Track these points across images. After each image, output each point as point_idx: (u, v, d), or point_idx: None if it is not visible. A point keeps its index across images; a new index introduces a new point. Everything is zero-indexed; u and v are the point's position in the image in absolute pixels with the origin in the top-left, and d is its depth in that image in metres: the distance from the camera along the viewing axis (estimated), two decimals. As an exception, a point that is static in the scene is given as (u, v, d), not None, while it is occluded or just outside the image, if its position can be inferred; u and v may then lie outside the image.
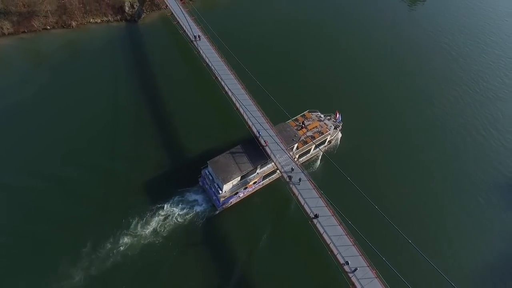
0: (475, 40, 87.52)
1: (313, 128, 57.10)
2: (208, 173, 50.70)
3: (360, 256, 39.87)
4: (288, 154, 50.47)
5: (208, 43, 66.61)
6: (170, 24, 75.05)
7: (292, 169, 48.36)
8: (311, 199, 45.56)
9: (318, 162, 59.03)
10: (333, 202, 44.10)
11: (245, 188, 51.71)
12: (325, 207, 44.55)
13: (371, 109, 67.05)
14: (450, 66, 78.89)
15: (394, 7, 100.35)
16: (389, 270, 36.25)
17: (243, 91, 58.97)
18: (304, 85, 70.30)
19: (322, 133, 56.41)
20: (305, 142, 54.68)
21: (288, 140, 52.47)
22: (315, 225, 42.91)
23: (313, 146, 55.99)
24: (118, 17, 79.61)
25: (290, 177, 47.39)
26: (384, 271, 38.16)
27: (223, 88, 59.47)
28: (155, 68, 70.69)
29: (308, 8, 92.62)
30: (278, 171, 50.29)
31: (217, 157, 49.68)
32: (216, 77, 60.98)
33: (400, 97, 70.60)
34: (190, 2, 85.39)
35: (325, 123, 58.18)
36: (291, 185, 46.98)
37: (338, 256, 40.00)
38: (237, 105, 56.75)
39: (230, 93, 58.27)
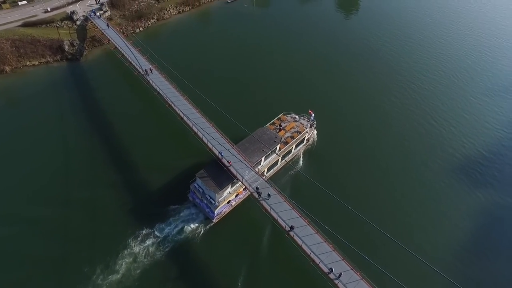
0: (408, 41, 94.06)
1: (291, 128, 58.57)
2: (197, 186, 49.77)
3: (342, 261, 39.03)
4: (254, 171, 49.51)
5: (156, 72, 65.29)
6: (115, 58, 72.90)
7: (257, 188, 47.26)
8: (284, 212, 44.44)
9: (301, 160, 60.31)
10: (306, 210, 43.40)
11: (236, 196, 51.30)
12: (300, 218, 43.58)
13: (330, 110, 68.86)
14: (391, 66, 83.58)
15: (332, 18, 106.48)
16: (373, 268, 35.70)
17: (199, 115, 57.71)
18: (269, 94, 71.78)
19: (300, 132, 57.88)
20: (286, 143, 55.71)
21: (270, 142, 53.10)
22: (292, 238, 41.69)
23: (294, 146, 57.12)
24: (58, 57, 76.12)
25: (259, 194, 46.16)
26: (368, 271, 37.59)
27: (178, 114, 57.96)
28: (104, 105, 67.66)
29: (253, 30, 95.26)
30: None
31: (204, 169, 49.31)
32: (170, 105, 59.43)
33: (351, 98, 73.06)
34: (133, 34, 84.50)
35: (301, 123, 59.94)
36: (261, 201, 45.71)
37: (321, 265, 38.87)
38: (195, 129, 55.31)
39: (186, 119, 56.82)
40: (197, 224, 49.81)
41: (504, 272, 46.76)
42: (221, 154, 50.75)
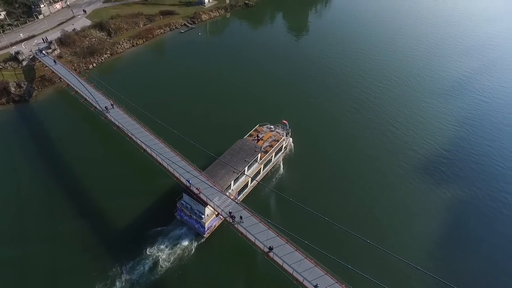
0: (359, 55, 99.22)
1: (268, 138, 59.81)
2: (185, 203, 49.22)
3: (326, 275, 38.00)
4: (225, 194, 48.11)
5: (115, 106, 62.95)
6: (68, 96, 69.75)
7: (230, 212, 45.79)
8: (260, 234, 43.00)
9: (281, 168, 61.69)
10: (283, 226, 42.38)
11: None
12: (277, 237, 42.38)
13: (299, 123, 68.88)
14: (346, 80, 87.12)
15: (284, 40, 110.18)
16: (357, 276, 34.91)
17: (162, 145, 55.95)
18: (238, 112, 72.69)
19: (278, 141, 59.29)
20: (266, 152, 56.93)
21: (251, 152, 53.75)
22: (272, 259, 40.22)
23: (274, 154, 58.44)
24: (4, 100, 71.47)
25: (233, 217, 44.57)
26: (352, 280, 36.98)
27: (141, 147, 55.79)
28: (61, 145, 63.70)
29: (209, 57, 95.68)
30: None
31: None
32: (131, 138, 57.20)
33: (315, 113, 74.60)
34: (87, 71, 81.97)
35: (277, 132, 61.46)
36: (236, 225, 44.09)
37: (305, 283, 37.53)
38: (159, 160, 53.27)
39: (149, 150, 54.75)
40: (188, 242, 48.88)
41: (477, 261, 48.39)
42: (189, 182, 48.89)
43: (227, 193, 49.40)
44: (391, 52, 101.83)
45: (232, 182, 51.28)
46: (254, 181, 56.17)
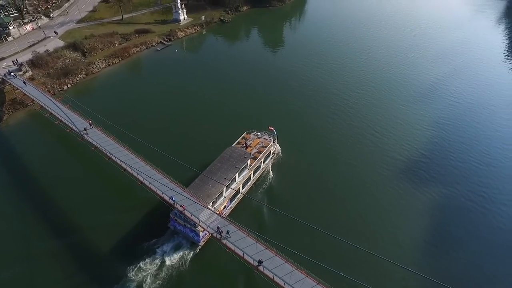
0: (335, 64, 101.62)
1: (256, 144, 60.45)
2: (177, 213, 48.01)
3: (318, 285, 37.23)
4: (211, 210, 47.00)
5: (88, 124, 61.11)
6: (42, 118, 66.95)
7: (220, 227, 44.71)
8: (248, 248, 41.98)
9: (271, 174, 62.13)
10: (271, 238, 41.36)
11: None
12: (266, 249, 41.45)
13: (284, 133, 68.37)
14: (327, 89, 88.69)
15: (261, 54, 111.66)
16: (350, 283, 34.35)
17: (143, 163, 54.55)
18: (220, 124, 72.28)
19: (266, 147, 60.05)
20: (255, 158, 57.28)
21: (241, 159, 54.04)
22: (262, 272, 39.16)
23: (262, 160, 58.97)
24: (-28, 127, 68.20)
25: (220, 233, 43.44)
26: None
27: (121, 166, 54.13)
28: (36, 169, 60.88)
29: (186, 73, 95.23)
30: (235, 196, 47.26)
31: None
32: (110, 157, 55.50)
33: (298, 123, 75.22)
34: (62, 92, 79.76)
35: (264, 138, 62.41)
36: (223, 241, 42.92)
37: (297, 295, 36.71)
38: (141, 179, 51.77)
39: (130, 170, 53.17)
40: (183, 252, 47.87)
41: (466, 257, 49.14)
42: (172, 199, 47.64)
43: (213, 208, 48.48)
44: (366, 61, 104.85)
45: (237, 175, 52.30)
46: (246, 187, 56.35)
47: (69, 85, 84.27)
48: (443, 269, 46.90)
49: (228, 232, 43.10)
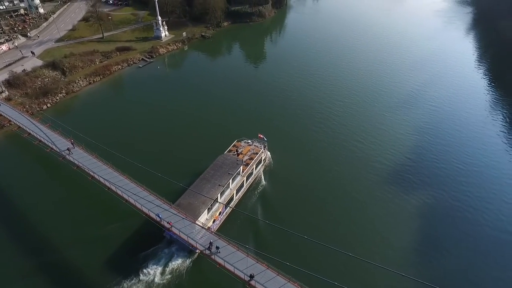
0: (317, 75, 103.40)
1: (247, 151, 61.49)
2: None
3: (311, 297, 36.68)
4: (200, 225, 46.01)
5: (70, 143, 59.52)
6: (20, 139, 64.79)
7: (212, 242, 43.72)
8: (239, 262, 41.04)
9: (263, 180, 62.91)
10: (263, 251, 40.90)
11: (214, 221, 51.20)
12: (257, 263, 40.61)
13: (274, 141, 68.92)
14: (311, 99, 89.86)
15: (243, 68, 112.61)
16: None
17: (127, 181, 53.30)
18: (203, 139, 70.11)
19: (257, 153, 61.00)
20: (247, 164, 58.28)
21: (233, 165, 54.95)
22: (254, 287, 38.22)
23: (254, 166, 59.98)
24: None
25: (209, 248, 42.42)
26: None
27: (104, 185, 52.64)
28: (15, 195, 58.38)
29: (169, 90, 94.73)
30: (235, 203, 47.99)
31: (178, 201, 49.07)
32: (93, 176, 53.95)
33: (284, 134, 75.45)
34: (41, 112, 77.73)
35: (255, 145, 63.46)
36: (213, 257, 41.88)
37: (291, 308, 35.93)
38: (125, 197, 50.43)
39: (114, 188, 51.76)
40: (181, 260, 47.33)
41: (455, 260, 49.75)
42: (159, 216, 46.51)
43: (209, 215, 49.19)
44: (348, 72, 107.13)
45: (230, 181, 53.17)
46: (239, 193, 57.46)
47: (48, 105, 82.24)
48: (435, 271, 47.30)
49: (217, 248, 42.17)
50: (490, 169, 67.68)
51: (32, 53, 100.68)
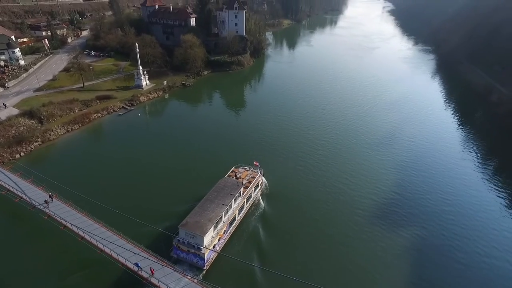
0: (297, 119, 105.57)
1: (246, 176, 65.06)
2: (181, 240, 49.38)
3: None
4: (188, 278, 43.24)
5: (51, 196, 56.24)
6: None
7: None
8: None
9: (261, 203, 65.64)
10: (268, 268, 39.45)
11: (219, 239, 52.71)
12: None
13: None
14: (291, 141, 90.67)
15: (223, 114, 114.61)
16: None
17: (103, 229, 50.32)
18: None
19: (255, 177, 64.82)
20: (246, 187, 61.44)
21: (235, 187, 57.85)
22: None
23: (253, 189, 63.17)
24: None
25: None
26: None
27: (78, 234, 49.25)
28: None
29: (150, 137, 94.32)
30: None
31: (185, 220, 50.24)
32: (65, 226, 50.57)
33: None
34: (13, 161, 74.34)
35: (252, 171, 67.12)
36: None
37: None
38: (100, 246, 47.28)
39: (88, 237, 48.51)
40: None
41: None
42: (137, 265, 43.24)
43: (214, 232, 50.88)
44: (327, 114, 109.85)
45: (233, 201, 55.69)
46: (241, 214, 59.78)
47: (21, 154, 78.85)
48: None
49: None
50: (471, 198, 69.62)
51: (4, 105, 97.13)
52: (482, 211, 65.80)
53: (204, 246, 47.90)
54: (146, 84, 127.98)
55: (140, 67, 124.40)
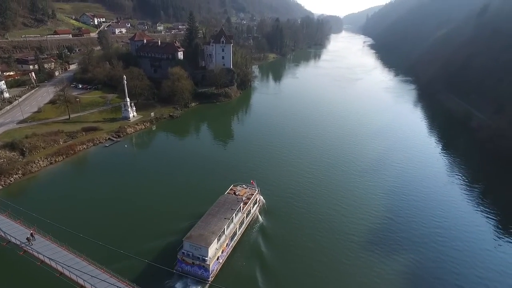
0: (283, 148, 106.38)
1: (244, 193, 68.21)
2: (185, 252, 50.99)
3: None
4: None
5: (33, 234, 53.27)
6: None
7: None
8: None
9: (260, 218, 68.16)
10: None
11: (222, 252, 54.18)
12: None
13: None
14: (280, 170, 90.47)
15: (211, 146, 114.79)
16: None
17: (85, 263, 47.56)
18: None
19: (253, 194, 67.93)
20: (246, 203, 63.99)
21: (235, 202, 60.86)
22: None
23: (252, 205, 65.82)
24: None
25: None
26: None
27: (56, 270, 46.31)
28: None
29: (138, 168, 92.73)
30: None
31: (189, 233, 52.27)
32: (43, 261, 47.56)
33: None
34: (-11, 195, 70.95)
35: (250, 188, 70.43)
36: None
37: None
38: (81, 282, 44.44)
39: (68, 273, 45.58)
40: None
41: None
42: (120, 301, 40.57)
43: (218, 244, 52.91)
44: (315, 142, 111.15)
45: (234, 215, 57.95)
46: (241, 228, 61.84)
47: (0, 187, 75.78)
48: None
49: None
50: (461, 220, 70.37)
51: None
52: (474, 232, 66.23)
53: (209, 257, 49.62)
54: (134, 116, 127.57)
55: (128, 99, 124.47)
